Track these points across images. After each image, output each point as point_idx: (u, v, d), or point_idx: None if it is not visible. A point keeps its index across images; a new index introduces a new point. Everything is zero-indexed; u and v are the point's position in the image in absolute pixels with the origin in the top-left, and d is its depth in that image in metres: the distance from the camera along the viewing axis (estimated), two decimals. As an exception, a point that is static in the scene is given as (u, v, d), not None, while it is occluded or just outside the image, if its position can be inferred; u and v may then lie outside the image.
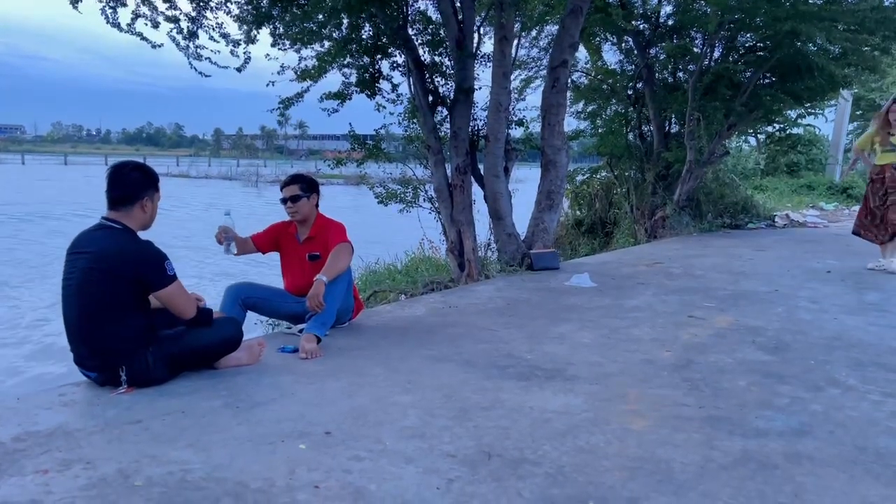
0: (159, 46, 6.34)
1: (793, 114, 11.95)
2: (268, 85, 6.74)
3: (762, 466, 2.38)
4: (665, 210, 10.61)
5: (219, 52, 6.47)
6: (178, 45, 6.38)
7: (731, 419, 2.83)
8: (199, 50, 6.45)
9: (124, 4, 6.02)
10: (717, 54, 10.65)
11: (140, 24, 6.17)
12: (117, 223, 3.05)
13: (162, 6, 6.18)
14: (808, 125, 16.14)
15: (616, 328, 4.42)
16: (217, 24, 6.46)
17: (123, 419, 2.71)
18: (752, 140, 17.70)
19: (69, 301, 3.04)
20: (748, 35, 10.42)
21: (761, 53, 10.29)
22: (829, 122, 19.04)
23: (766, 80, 10.77)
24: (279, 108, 7.00)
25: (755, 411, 2.93)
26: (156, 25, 6.21)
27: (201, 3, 6.34)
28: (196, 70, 6.47)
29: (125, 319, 3.01)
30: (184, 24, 6.34)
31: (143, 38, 6.21)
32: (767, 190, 16.72)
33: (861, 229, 7.09)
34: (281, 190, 4.17)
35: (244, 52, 6.70)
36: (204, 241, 20.05)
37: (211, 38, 6.45)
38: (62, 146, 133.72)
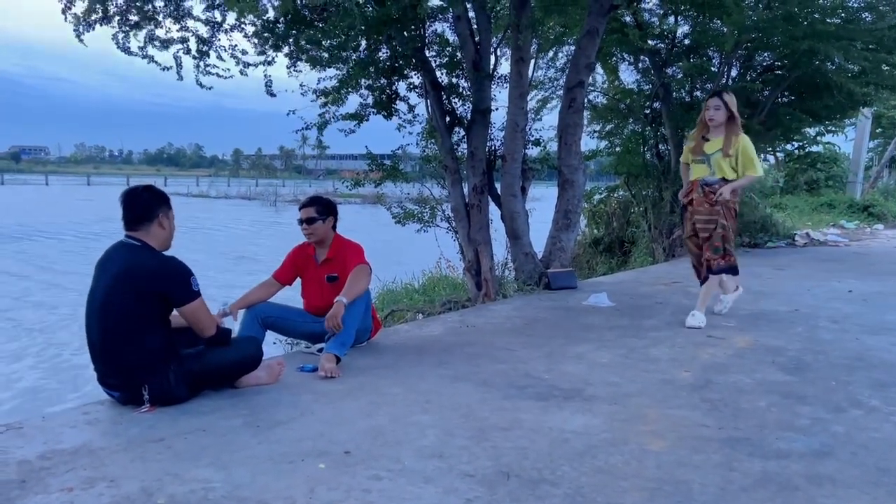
0: (168, 69, 6.47)
1: (812, 131, 11.89)
2: (288, 114, 6.84)
3: (783, 488, 2.37)
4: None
5: (228, 69, 6.59)
6: (178, 64, 6.48)
7: (751, 440, 2.81)
8: (208, 68, 6.57)
9: (139, 28, 6.15)
10: (734, 73, 10.65)
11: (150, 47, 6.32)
12: (137, 240, 3.12)
13: (173, 27, 6.31)
14: (828, 143, 16.02)
15: (634, 348, 4.40)
16: (231, 45, 6.59)
17: (146, 437, 2.75)
18: (771, 158, 17.64)
19: (91, 319, 3.09)
20: (766, 54, 10.42)
21: (779, 72, 10.27)
22: (849, 139, 18.91)
23: (785, 99, 10.74)
24: (303, 129, 7.07)
25: (776, 432, 2.90)
26: (165, 47, 6.32)
27: (215, 26, 6.47)
28: (202, 86, 6.61)
29: (147, 337, 3.06)
30: (192, 45, 6.45)
31: (153, 61, 6.32)
32: (787, 208, 16.57)
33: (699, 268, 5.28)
34: (298, 211, 4.22)
35: (265, 76, 6.82)
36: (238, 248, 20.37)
37: (219, 56, 6.57)
38: (85, 167, 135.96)
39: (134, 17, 6.11)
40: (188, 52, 6.49)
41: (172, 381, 3.09)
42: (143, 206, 3.14)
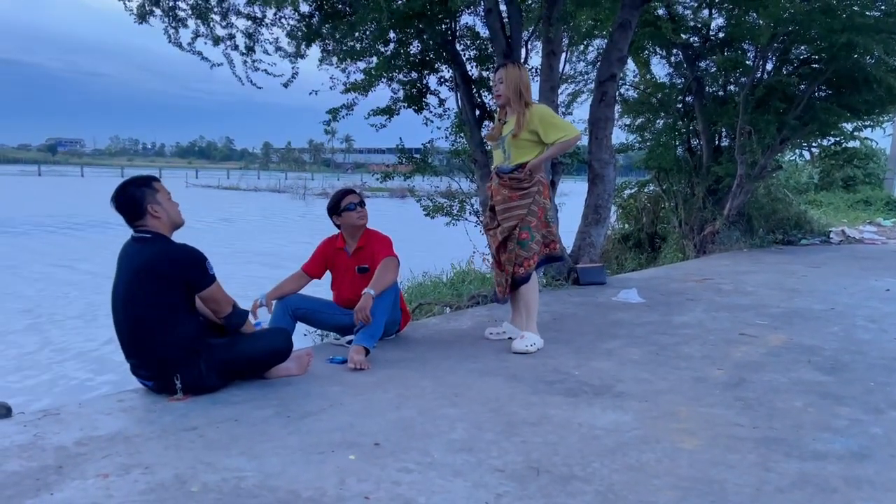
0: (218, 66, 6.59)
1: (849, 126, 11.62)
2: (310, 93, 6.91)
3: (820, 490, 2.32)
4: (715, 225, 10.41)
5: (274, 64, 6.72)
6: (231, 62, 6.61)
7: (787, 440, 2.75)
8: (255, 63, 6.72)
9: (186, 26, 6.29)
10: (769, 67, 10.45)
11: (199, 43, 6.47)
12: (146, 231, 3.15)
13: (219, 24, 6.45)
14: (866, 138, 15.65)
15: (665, 345, 4.35)
16: (273, 38, 6.73)
17: (179, 426, 2.79)
18: (806, 154, 17.30)
19: (118, 312, 3.14)
20: (802, 47, 10.20)
21: (816, 66, 10.05)
22: (887, 135, 18.43)
23: (822, 93, 10.51)
24: (328, 119, 7.11)
25: (812, 433, 2.85)
26: (216, 43, 6.46)
27: (256, 21, 6.58)
28: (252, 84, 6.75)
29: (175, 326, 3.10)
30: (240, 41, 6.60)
31: (204, 58, 6.47)
32: (822, 205, 16.27)
33: (497, 289, 4.46)
34: (341, 200, 4.18)
35: (292, 68, 6.91)
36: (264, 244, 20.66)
37: (266, 51, 6.71)
38: (119, 159, 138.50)
39: (182, 14, 6.27)
40: (236, 48, 6.65)
41: (204, 370, 3.13)
42: (130, 204, 3.12)
